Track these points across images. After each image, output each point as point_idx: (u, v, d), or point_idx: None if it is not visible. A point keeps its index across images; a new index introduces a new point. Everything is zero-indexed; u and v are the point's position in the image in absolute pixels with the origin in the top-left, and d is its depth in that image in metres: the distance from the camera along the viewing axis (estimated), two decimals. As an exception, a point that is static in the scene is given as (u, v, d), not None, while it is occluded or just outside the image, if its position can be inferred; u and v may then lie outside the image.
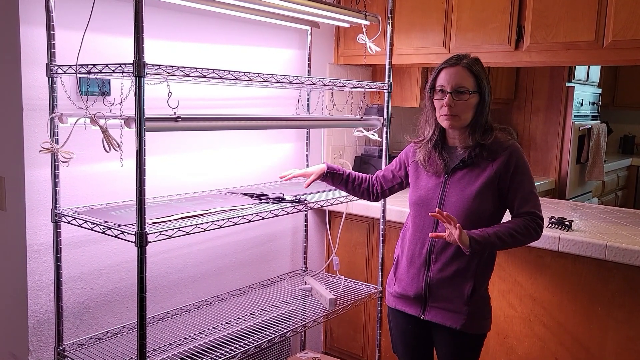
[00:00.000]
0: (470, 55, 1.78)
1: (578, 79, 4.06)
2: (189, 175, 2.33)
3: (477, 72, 1.74)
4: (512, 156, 1.74)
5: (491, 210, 1.75)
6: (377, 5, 2.75)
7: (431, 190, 1.81)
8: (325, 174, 2.06)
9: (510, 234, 1.69)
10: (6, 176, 1.92)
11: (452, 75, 1.74)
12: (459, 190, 1.76)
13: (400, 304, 1.88)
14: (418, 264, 1.81)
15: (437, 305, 1.79)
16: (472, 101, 1.74)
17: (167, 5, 2.12)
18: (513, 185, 1.74)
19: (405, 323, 1.89)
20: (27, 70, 1.80)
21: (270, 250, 2.76)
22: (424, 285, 1.79)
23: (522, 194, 1.74)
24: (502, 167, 1.73)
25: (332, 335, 3.07)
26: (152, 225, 1.66)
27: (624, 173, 5.47)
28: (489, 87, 1.77)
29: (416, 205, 1.85)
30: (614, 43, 2.17)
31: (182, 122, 1.69)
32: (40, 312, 1.92)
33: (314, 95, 2.74)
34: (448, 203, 1.77)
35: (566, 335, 2.25)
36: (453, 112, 1.73)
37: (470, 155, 1.77)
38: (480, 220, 1.73)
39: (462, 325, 1.75)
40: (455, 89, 1.72)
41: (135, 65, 1.49)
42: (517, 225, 1.71)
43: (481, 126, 1.76)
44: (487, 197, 1.73)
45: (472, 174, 1.76)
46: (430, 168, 1.83)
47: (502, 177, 1.73)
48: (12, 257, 1.94)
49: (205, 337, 2.17)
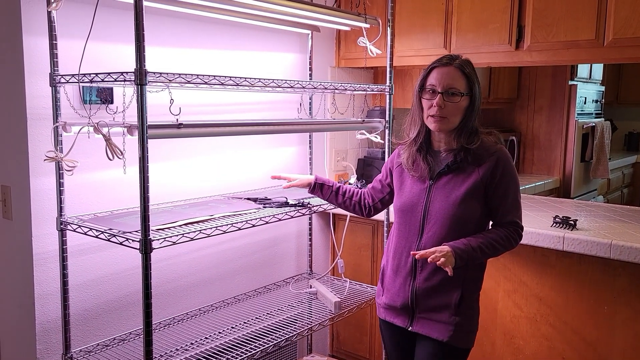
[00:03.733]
0: (462, 57, 1.72)
1: (581, 77, 4.06)
2: (193, 181, 2.34)
3: (470, 74, 1.69)
4: (499, 162, 1.68)
5: (477, 217, 1.69)
6: (377, 8, 2.76)
7: (415, 196, 1.74)
8: (313, 186, 2.04)
9: (493, 246, 1.65)
10: (12, 185, 1.94)
11: (444, 75, 1.67)
12: (444, 196, 1.69)
13: (389, 316, 1.81)
14: (404, 274, 1.74)
15: (424, 317, 1.72)
16: (462, 104, 1.68)
17: (167, 12, 2.13)
18: (498, 193, 1.69)
19: (395, 335, 1.82)
20: (31, 80, 1.82)
21: (275, 254, 2.77)
22: (410, 295, 1.72)
23: (507, 202, 1.70)
24: (488, 173, 1.67)
25: (338, 338, 3.07)
26: (157, 232, 1.67)
27: (629, 170, 5.44)
28: (480, 91, 1.72)
29: (400, 212, 1.78)
30: (614, 41, 2.16)
31: (184, 128, 1.70)
32: (48, 319, 1.94)
33: (316, 99, 2.75)
34: (433, 209, 1.70)
35: (573, 334, 2.24)
36: (442, 114, 1.67)
37: (455, 159, 1.70)
38: (465, 226, 1.67)
39: (449, 337, 1.67)
40: (447, 89, 1.66)
41: (137, 74, 1.50)
42: (500, 236, 1.67)
43: (467, 130, 1.70)
44: (472, 203, 1.67)
45: (457, 180, 1.70)
46: (415, 172, 1.76)
47: (488, 183, 1.68)
48: (18, 266, 1.95)
49: (212, 342, 2.17)
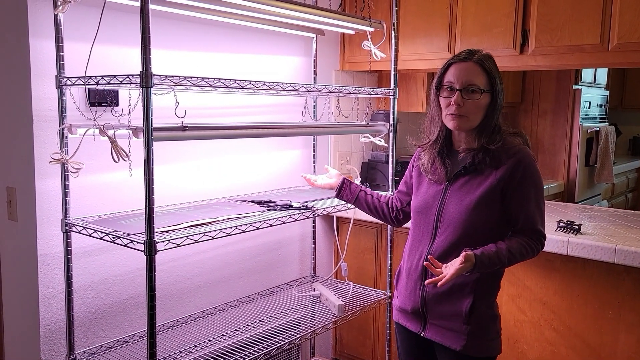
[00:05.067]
0: (482, 51, 1.61)
1: (585, 81, 4.05)
2: (197, 184, 2.35)
3: (490, 69, 1.57)
4: (519, 164, 1.55)
5: (493, 223, 1.58)
6: (381, 12, 2.76)
7: (430, 198, 1.66)
8: (341, 186, 1.98)
9: (513, 255, 1.53)
10: (17, 187, 1.95)
11: (463, 71, 1.57)
12: (458, 200, 1.59)
13: (402, 319, 1.75)
14: (415, 277, 1.67)
15: (436, 323, 1.63)
16: (482, 101, 1.56)
17: (173, 15, 2.14)
18: (517, 198, 1.56)
19: (408, 339, 1.75)
20: (37, 83, 1.83)
21: (279, 257, 2.77)
22: (420, 300, 1.65)
23: (527, 209, 1.56)
24: (506, 176, 1.55)
25: (341, 341, 3.07)
26: (161, 234, 1.67)
27: (634, 175, 5.42)
28: (502, 87, 1.59)
29: (415, 213, 1.71)
30: (619, 46, 2.16)
31: (189, 131, 1.70)
32: (52, 321, 1.94)
33: (320, 102, 2.76)
34: (446, 213, 1.61)
35: (577, 339, 2.23)
36: (461, 112, 1.56)
37: (473, 161, 1.60)
38: (480, 233, 1.56)
39: (462, 347, 1.57)
40: (466, 86, 1.55)
41: (143, 76, 1.51)
42: (523, 246, 1.55)
43: (489, 129, 1.58)
44: (488, 208, 1.56)
45: (473, 182, 1.59)
46: (432, 176, 1.68)
47: (506, 188, 1.55)
48: (23, 267, 1.96)
49: (215, 344, 2.17)
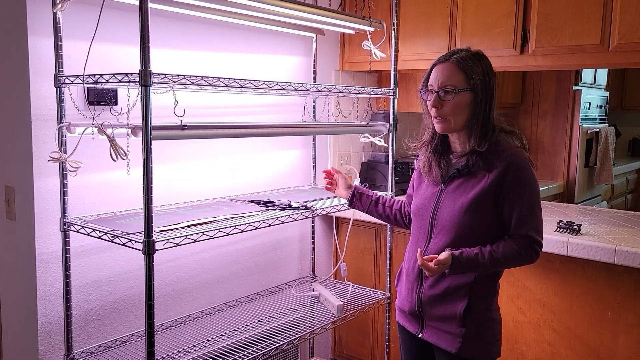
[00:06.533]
0: (470, 49, 1.58)
1: (585, 82, 4.05)
2: (196, 183, 2.34)
3: (468, 67, 1.53)
4: (510, 167, 1.52)
5: (487, 226, 1.56)
6: (381, 12, 2.76)
7: (427, 199, 1.67)
8: (352, 195, 1.95)
9: (497, 260, 1.51)
10: (15, 186, 1.94)
11: (439, 72, 1.56)
12: (452, 202, 1.59)
13: (402, 319, 1.76)
14: (412, 278, 1.68)
15: (432, 325, 1.64)
16: (461, 100, 1.54)
17: (172, 14, 2.14)
18: (508, 201, 1.53)
19: (408, 339, 1.77)
20: (35, 81, 1.82)
21: (278, 257, 2.76)
22: (416, 302, 1.66)
23: (519, 212, 1.53)
24: (497, 179, 1.52)
25: (340, 341, 3.06)
26: (160, 234, 1.67)
27: (634, 176, 5.42)
28: (490, 83, 1.55)
29: (413, 214, 1.72)
30: (620, 46, 2.16)
31: (188, 130, 1.70)
32: (50, 320, 1.94)
33: (320, 102, 2.75)
34: (440, 215, 1.61)
35: (576, 340, 2.23)
36: (441, 114, 1.56)
37: (467, 163, 1.58)
38: (474, 236, 1.55)
39: (458, 349, 1.57)
40: (442, 88, 1.55)
41: (142, 75, 1.51)
42: (510, 251, 1.53)
43: (479, 128, 1.55)
44: (481, 212, 1.54)
45: (467, 185, 1.58)
46: (430, 176, 1.68)
47: (497, 191, 1.53)
48: (21, 266, 1.95)
49: (214, 344, 2.17)
